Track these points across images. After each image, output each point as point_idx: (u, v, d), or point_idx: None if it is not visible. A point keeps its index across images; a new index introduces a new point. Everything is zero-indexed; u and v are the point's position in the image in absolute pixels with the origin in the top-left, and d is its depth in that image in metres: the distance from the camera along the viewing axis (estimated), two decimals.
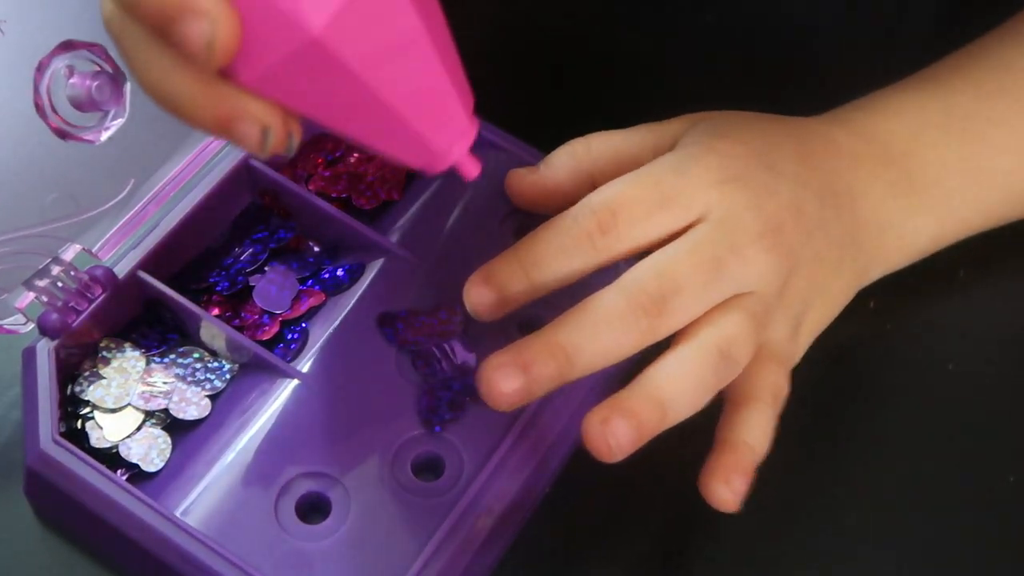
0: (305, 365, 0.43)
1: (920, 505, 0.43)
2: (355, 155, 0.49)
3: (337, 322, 0.44)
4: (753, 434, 0.41)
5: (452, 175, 0.48)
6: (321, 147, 0.49)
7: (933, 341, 0.46)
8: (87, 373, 0.43)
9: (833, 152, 0.44)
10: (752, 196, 0.41)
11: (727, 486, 0.39)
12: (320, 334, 0.44)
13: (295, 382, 0.43)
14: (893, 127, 0.45)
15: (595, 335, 0.39)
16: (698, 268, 0.40)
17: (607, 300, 0.39)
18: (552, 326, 0.39)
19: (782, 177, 0.42)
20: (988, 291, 0.48)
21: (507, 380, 0.39)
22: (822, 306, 0.43)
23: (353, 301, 0.45)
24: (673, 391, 0.39)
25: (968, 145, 0.45)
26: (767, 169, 0.42)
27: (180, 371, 0.43)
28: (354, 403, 0.42)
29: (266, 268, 0.46)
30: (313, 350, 0.44)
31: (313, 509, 0.41)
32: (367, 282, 0.45)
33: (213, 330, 0.44)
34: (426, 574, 0.39)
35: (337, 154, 0.49)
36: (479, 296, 0.41)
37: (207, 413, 0.42)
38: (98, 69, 0.43)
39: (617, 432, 0.38)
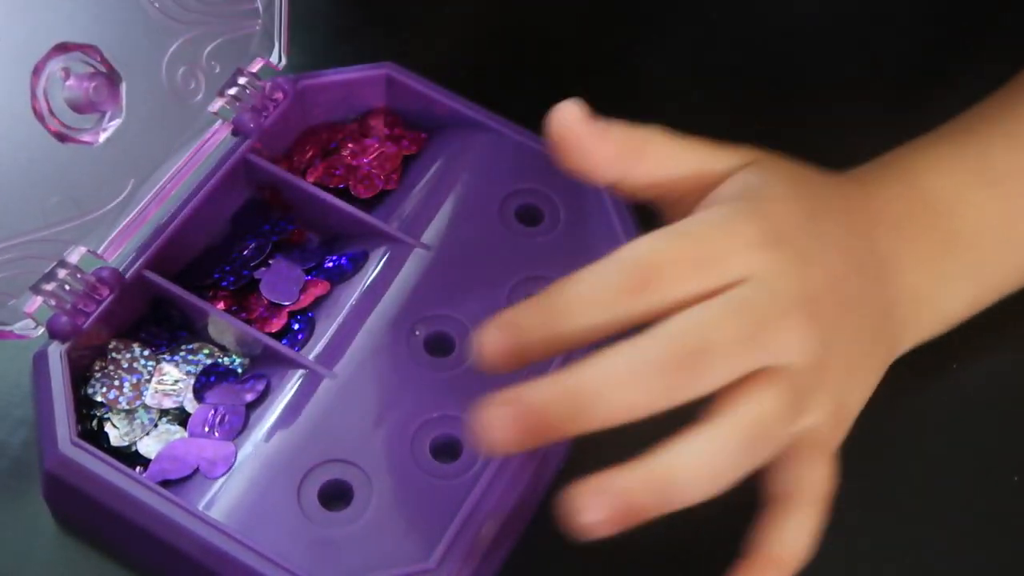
0: (315, 355, 0.44)
1: (923, 506, 0.43)
2: (349, 146, 0.49)
3: (345, 310, 0.44)
4: (790, 544, 0.38)
5: (447, 156, 0.49)
6: (315, 139, 0.49)
7: (936, 340, 0.46)
8: (98, 374, 0.43)
9: (875, 215, 0.43)
10: (795, 262, 0.39)
11: None
12: (327, 323, 0.44)
13: (307, 372, 0.43)
14: (935, 183, 0.44)
15: (617, 385, 0.36)
16: (735, 329, 0.37)
17: (636, 349, 0.36)
18: (572, 367, 0.36)
19: (826, 244, 0.40)
20: None
21: (505, 426, 0.35)
22: (862, 383, 0.41)
23: (358, 289, 0.45)
24: (685, 473, 0.36)
25: (1007, 201, 0.44)
26: (813, 235, 0.40)
27: (191, 368, 0.43)
28: (368, 389, 0.43)
29: (270, 261, 0.46)
30: (323, 339, 0.44)
31: (335, 496, 0.41)
32: (371, 269, 0.46)
33: (222, 325, 0.44)
34: (453, 552, 0.39)
35: (331, 146, 0.49)
36: (494, 341, 0.37)
37: None
38: (93, 70, 0.43)
39: (591, 512, 0.35)
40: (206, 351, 0.44)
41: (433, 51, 0.52)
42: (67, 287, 0.42)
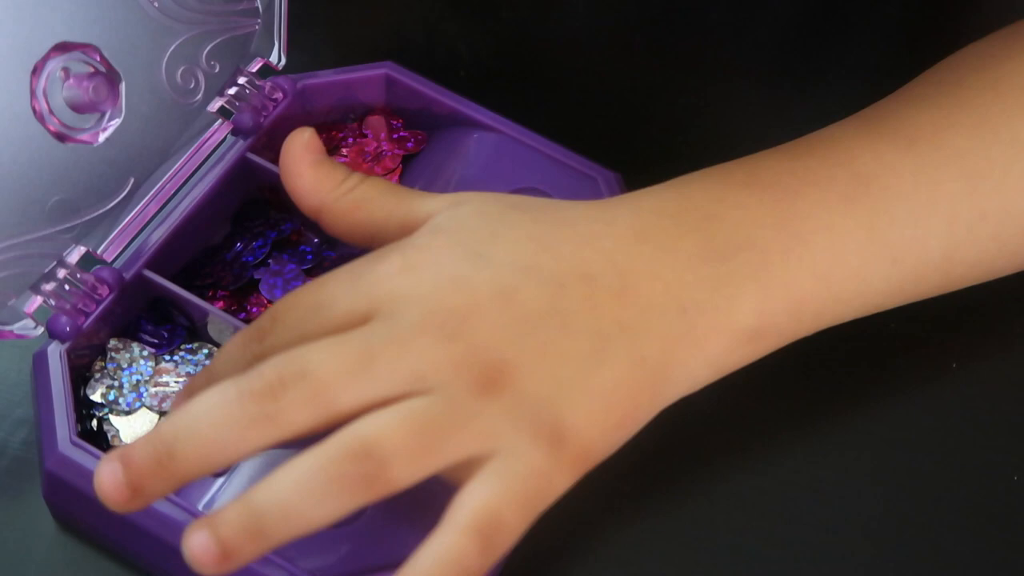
0: None
1: (924, 505, 0.43)
2: (345, 147, 0.49)
3: None
4: (424, 566, 0.34)
5: (447, 156, 0.49)
6: None
7: (936, 340, 0.46)
8: (98, 375, 0.43)
9: (603, 233, 0.39)
10: (429, 287, 0.37)
11: None
12: None
13: None
14: (691, 193, 0.40)
15: (197, 424, 0.35)
16: (336, 358, 0.35)
17: (218, 388, 0.35)
18: (162, 420, 0.37)
19: (488, 264, 0.38)
20: (992, 289, 0.47)
21: (112, 476, 0.34)
22: (586, 409, 0.37)
23: None
24: (276, 503, 0.34)
25: (780, 202, 0.40)
26: (469, 259, 0.38)
27: (191, 368, 0.43)
28: None
29: (269, 261, 0.46)
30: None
31: None
32: None
33: (221, 325, 0.44)
34: None
35: (331, 145, 0.49)
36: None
37: None
38: (93, 70, 0.43)
39: (203, 556, 0.34)
40: (205, 351, 0.44)
41: (432, 50, 0.52)
42: (67, 287, 0.42)
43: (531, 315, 0.37)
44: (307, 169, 0.41)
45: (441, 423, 0.35)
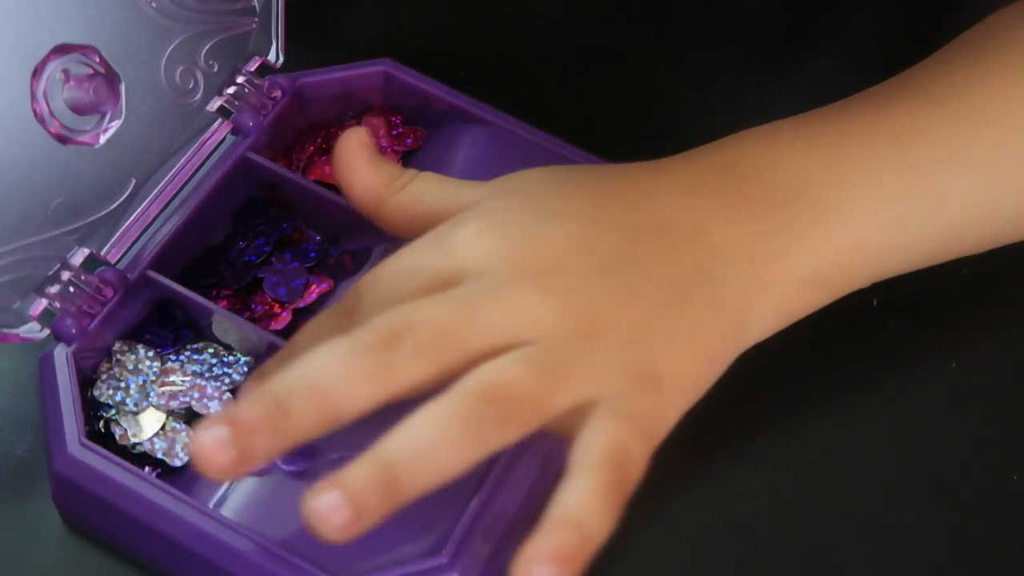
0: None
1: (924, 505, 0.43)
2: None
3: None
4: (578, 507, 0.34)
5: (446, 152, 0.49)
6: (314, 136, 0.49)
7: (936, 339, 0.46)
8: (104, 376, 0.43)
9: (662, 185, 0.40)
10: (513, 244, 0.38)
11: (527, 573, 0.33)
12: None
13: None
14: (744, 146, 0.42)
15: (312, 380, 0.35)
16: (439, 313, 0.36)
17: (330, 344, 0.35)
18: (275, 377, 0.35)
19: (563, 219, 0.39)
20: (991, 288, 0.48)
21: (222, 447, 0.34)
22: (676, 350, 0.38)
23: None
24: (407, 454, 0.34)
25: (831, 154, 0.41)
26: (539, 215, 0.39)
27: (196, 368, 0.43)
28: None
29: (272, 259, 0.46)
30: None
31: None
32: (374, 265, 0.46)
33: (226, 324, 0.44)
34: (466, 546, 0.39)
35: (331, 143, 0.49)
36: (248, 391, 0.38)
37: None
38: (92, 71, 0.43)
39: (330, 517, 0.34)
40: (211, 350, 0.44)
41: (430, 47, 0.52)
42: (71, 289, 0.42)
43: (614, 264, 0.38)
44: (364, 167, 0.41)
45: (556, 367, 0.36)
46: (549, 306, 0.37)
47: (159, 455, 0.42)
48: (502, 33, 0.53)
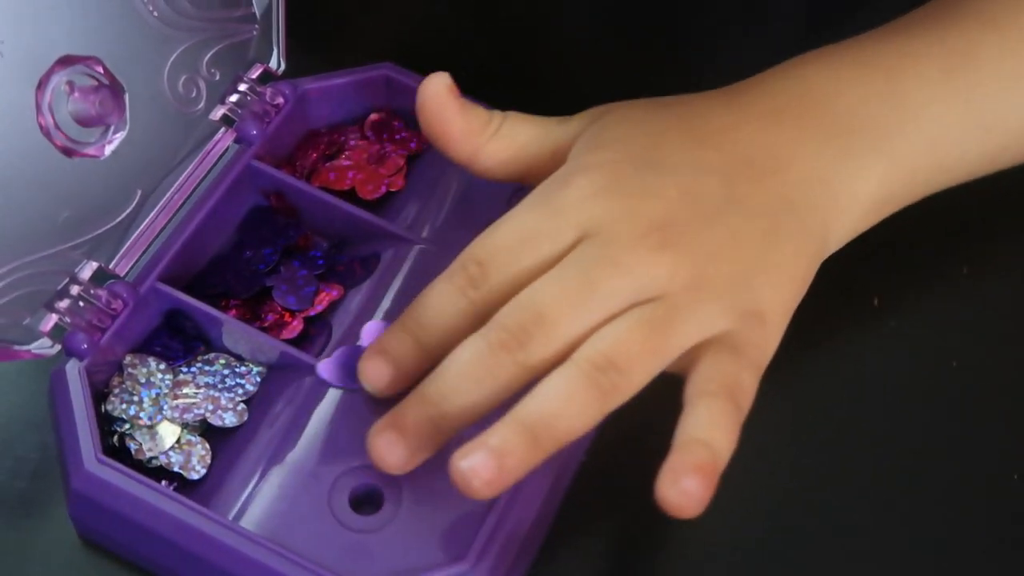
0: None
1: (924, 504, 0.43)
2: (352, 147, 0.49)
3: (358, 313, 0.44)
4: (703, 430, 0.38)
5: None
6: (317, 142, 0.49)
7: (936, 338, 0.46)
8: (116, 391, 0.42)
9: (742, 119, 0.43)
10: (626, 202, 0.40)
11: (676, 488, 0.36)
12: (344, 327, 0.44)
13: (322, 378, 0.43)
14: (808, 74, 0.44)
15: (460, 381, 0.38)
16: (564, 292, 0.39)
17: (470, 344, 0.39)
18: (424, 381, 0.39)
19: (667, 170, 0.41)
20: (991, 288, 0.48)
21: (390, 448, 0.38)
22: (774, 284, 0.41)
23: (373, 291, 0.45)
24: (541, 414, 0.37)
25: (892, 79, 0.43)
26: (647, 168, 0.41)
27: (209, 379, 0.43)
28: None
29: (280, 267, 0.46)
30: (335, 343, 0.44)
31: (366, 501, 0.41)
32: (383, 272, 0.46)
33: (237, 334, 0.44)
34: (488, 552, 0.39)
35: (334, 149, 0.49)
36: (376, 370, 0.40)
37: (245, 418, 0.42)
38: (96, 83, 0.43)
39: (479, 468, 0.37)
40: (222, 360, 0.44)
41: (432, 50, 0.51)
42: (81, 303, 0.42)
43: (715, 208, 0.40)
44: (456, 116, 0.43)
45: (667, 323, 0.39)
46: (664, 264, 0.39)
47: (176, 468, 0.41)
48: (503, 34, 0.53)
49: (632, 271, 0.39)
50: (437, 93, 0.43)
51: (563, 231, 0.40)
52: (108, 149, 0.43)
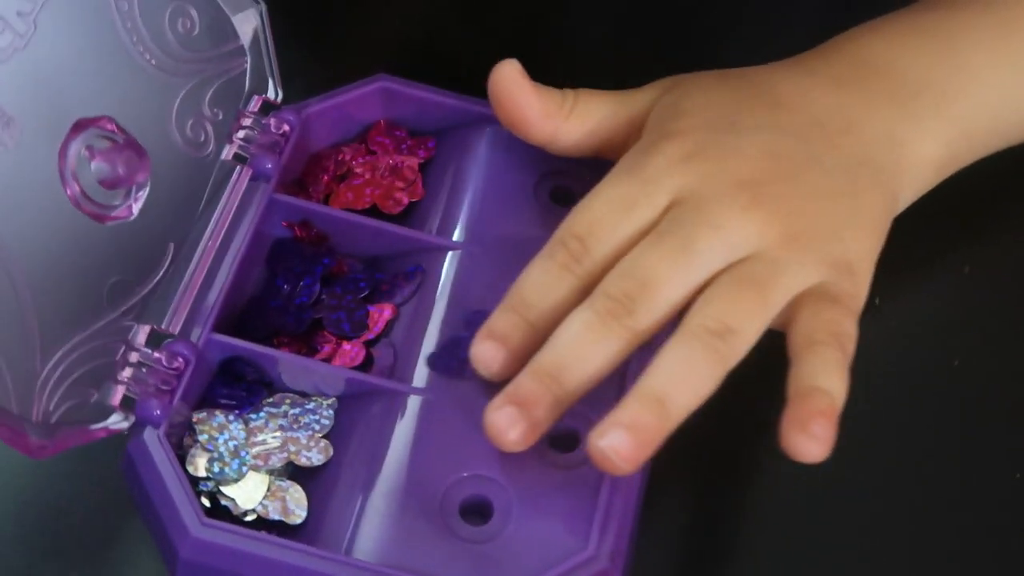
0: (403, 377, 0.43)
1: (925, 503, 0.44)
2: (358, 167, 0.48)
3: (416, 328, 0.44)
4: (819, 376, 0.39)
5: (462, 156, 0.49)
6: (324, 165, 0.48)
7: (938, 337, 0.47)
8: (193, 450, 0.41)
9: (812, 84, 0.44)
10: (713, 164, 0.41)
11: (805, 434, 0.37)
12: (404, 344, 0.44)
13: (403, 397, 0.42)
14: (870, 41, 0.46)
15: (573, 352, 0.39)
16: (664, 256, 0.40)
17: (578, 315, 0.40)
18: (537, 355, 0.40)
19: (746, 131, 0.42)
20: (993, 286, 0.48)
21: (511, 422, 0.39)
22: (858, 235, 0.42)
23: (423, 304, 0.44)
24: (667, 385, 0.39)
25: (949, 45, 0.46)
26: (726, 131, 0.42)
27: (282, 421, 0.42)
28: (468, 400, 0.42)
29: (323, 296, 0.45)
30: (403, 360, 0.43)
31: (476, 511, 0.40)
32: (426, 283, 0.45)
33: (295, 371, 0.43)
34: (607, 534, 0.39)
35: (343, 169, 0.48)
36: (489, 353, 0.40)
37: (331, 453, 0.42)
38: (112, 143, 0.41)
39: (617, 446, 0.38)
40: (288, 401, 0.43)
41: (426, 55, 0.51)
42: (144, 369, 0.40)
43: (797, 166, 0.42)
44: (533, 99, 0.43)
45: (770, 278, 0.40)
46: (755, 222, 0.40)
47: (275, 517, 0.40)
48: (503, 35, 0.52)
49: (726, 230, 0.40)
50: (511, 79, 0.43)
51: (656, 197, 0.41)
52: (135, 208, 0.42)
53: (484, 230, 0.46)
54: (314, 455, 0.42)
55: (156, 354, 0.41)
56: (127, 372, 0.40)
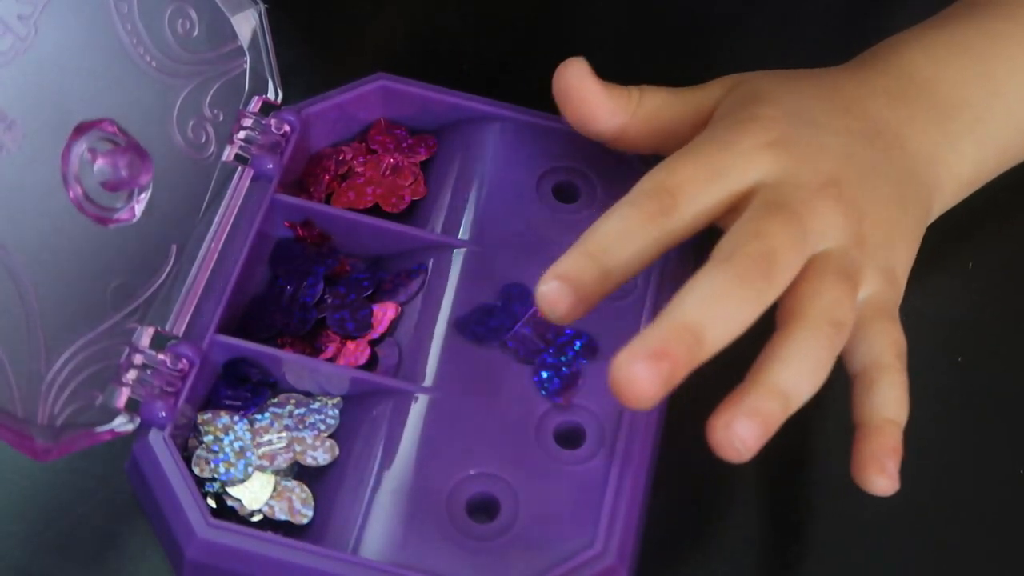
0: (408, 376, 0.43)
1: (929, 500, 0.44)
2: (359, 166, 0.48)
3: (421, 327, 0.44)
4: (891, 407, 0.40)
5: (465, 153, 0.49)
6: (324, 165, 0.48)
7: (942, 335, 0.47)
8: (199, 451, 0.41)
9: (868, 94, 0.45)
10: (802, 154, 0.42)
11: (883, 474, 0.38)
12: (409, 342, 0.44)
13: (408, 395, 0.42)
14: (912, 55, 0.46)
15: (715, 308, 0.38)
16: (786, 224, 0.40)
17: (717, 273, 0.39)
18: (671, 308, 0.38)
19: (825, 130, 0.43)
20: (997, 283, 0.48)
21: (648, 375, 0.36)
22: (905, 246, 0.43)
23: (428, 302, 0.44)
24: (792, 378, 0.38)
25: (984, 62, 0.46)
26: (808, 125, 0.43)
27: (287, 421, 0.42)
28: (475, 396, 0.42)
29: (327, 296, 0.45)
30: (408, 359, 0.43)
31: (482, 509, 0.40)
32: (431, 281, 0.45)
33: (299, 371, 0.43)
34: (613, 532, 0.39)
35: (343, 169, 0.48)
36: (556, 294, 0.39)
37: (337, 452, 0.42)
38: (114, 146, 0.41)
39: (743, 434, 0.37)
40: (293, 401, 0.43)
41: (425, 53, 0.51)
42: (148, 371, 0.40)
43: (866, 171, 0.42)
44: (601, 97, 0.43)
45: (856, 274, 0.40)
46: (840, 212, 0.41)
47: (282, 517, 0.40)
48: (503, 33, 0.52)
49: (821, 217, 0.40)
50: (579, 76, 0.43)
51: (747, 172, 0.41)
52: (138, 210, 0.42)
53: (487, 227, 0.46)
54: (320, 455, 0.42)
55: (160, 356, 0.41)
56: (131, 374, 0.40)
